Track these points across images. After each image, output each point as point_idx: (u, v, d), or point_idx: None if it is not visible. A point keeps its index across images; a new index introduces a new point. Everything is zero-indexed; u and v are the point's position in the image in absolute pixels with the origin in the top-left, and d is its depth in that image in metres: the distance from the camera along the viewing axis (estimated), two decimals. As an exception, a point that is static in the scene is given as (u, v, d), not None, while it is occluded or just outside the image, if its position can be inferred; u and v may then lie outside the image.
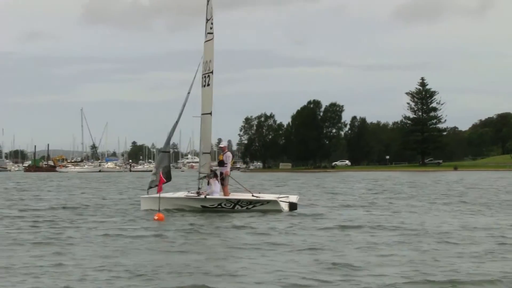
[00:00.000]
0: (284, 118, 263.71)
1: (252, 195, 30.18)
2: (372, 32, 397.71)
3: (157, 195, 29.43)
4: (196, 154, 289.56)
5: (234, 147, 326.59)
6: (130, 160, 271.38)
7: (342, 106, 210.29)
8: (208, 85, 31.61)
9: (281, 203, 29.37)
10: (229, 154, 31.25)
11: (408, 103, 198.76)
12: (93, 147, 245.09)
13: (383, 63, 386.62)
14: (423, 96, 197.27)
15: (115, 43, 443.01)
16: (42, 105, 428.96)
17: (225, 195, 30.23)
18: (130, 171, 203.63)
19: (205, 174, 31.19)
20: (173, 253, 17.39)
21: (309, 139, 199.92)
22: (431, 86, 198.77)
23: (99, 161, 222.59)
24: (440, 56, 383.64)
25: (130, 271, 14.46)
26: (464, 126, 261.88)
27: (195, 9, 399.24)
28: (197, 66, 32.20)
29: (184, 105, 31.68)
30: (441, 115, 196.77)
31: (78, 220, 26.52)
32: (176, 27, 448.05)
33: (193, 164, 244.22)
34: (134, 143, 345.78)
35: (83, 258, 16.28)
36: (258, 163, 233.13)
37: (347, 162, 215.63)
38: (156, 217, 26.09)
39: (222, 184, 30.52)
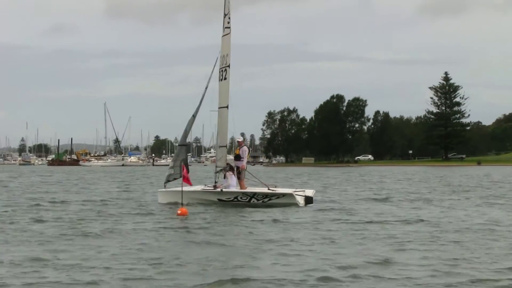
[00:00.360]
0: (307, 112, 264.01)
1: (268, 189, 30.27)
2: (397, 27, 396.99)
3: (176, 188, 30.00)
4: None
5: (257, 142, 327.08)
6: (153, 154, 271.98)
7: (365, 100, 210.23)
8: (225, 79, 31.86)
9: (296, 196, 29.46)
10: (245, 148, 31.55)
11: (431, 98, 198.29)
12: (116, 141, 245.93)
13: (407, 57, 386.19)
14: (446, 91, 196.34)
15: (139, 38, 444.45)
16: (66, 99, 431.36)
17: (241, 188, 30.33)
18: (153, 165, 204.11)
19: (221, 168, 31.23)
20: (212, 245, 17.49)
21: (332, 134, 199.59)
22: (454, 80, 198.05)
23: (122, 155, 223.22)
24: (464, 51, 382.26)
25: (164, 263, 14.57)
26: (487, 121, 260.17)
27: (219, 4, 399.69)
28: (215, 60, 32.39)
29: (201, 99, 31.92)
30: (465, 110, 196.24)
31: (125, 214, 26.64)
32: (200, 21, 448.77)
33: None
34: (157, 137, 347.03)
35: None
36: (281, 158, 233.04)
37: (370, 156, 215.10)
38: (179, 211, 26.02)
39: (239, 178, 30.64)
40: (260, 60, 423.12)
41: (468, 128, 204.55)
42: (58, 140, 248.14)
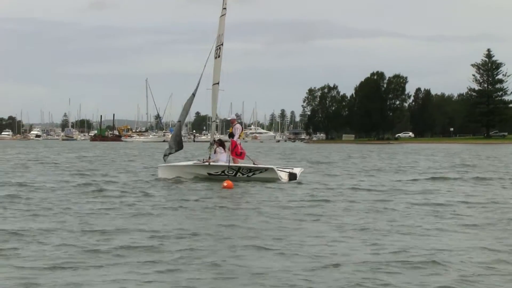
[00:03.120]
0: (347, 90, 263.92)
1: (254, 163, 31.35)
2: (440, 3, 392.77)
3: (175, 163, 32.45)
4: (259, 124, 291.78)
5: (297, 118, 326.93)
6: (194, 131, 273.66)
7: (406, 77, 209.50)
8: (219, 56, 32.81)
9: (278, 171, 30.45)
10: (238, 126, 32.32)
11: (473, 75, 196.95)
12: (158, 117, 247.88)
13: (449, 34, 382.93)
14: (489, 68, 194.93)
15: (180, 14, 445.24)
16: (108, 76, 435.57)
17: (235, 163, 31.24)
18: (194, 141, 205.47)
19: (213, 141, 32.35)
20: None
21: (373, 111, 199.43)
22: (498, 57, 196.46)
23: (163, 131, 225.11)
24: (508, 27, 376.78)
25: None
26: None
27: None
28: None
29: (200, 78, 32.82)
30: (507, 87, 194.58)
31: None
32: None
33: (257, 135, 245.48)
34: (197, 113, 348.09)
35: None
36: (321, 135, 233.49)
37: (410, 134, 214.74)
38: (225, 184, 26.89)
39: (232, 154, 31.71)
40: (301, 36, 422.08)
41: (511, 105, 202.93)
42: (101, 116, 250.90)
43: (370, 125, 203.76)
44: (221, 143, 31.95)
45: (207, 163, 31.07)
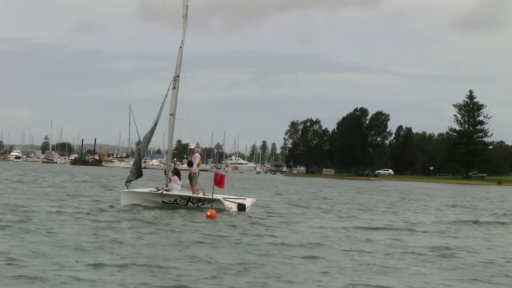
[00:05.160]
0: (329, 123, 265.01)
1: (203, 194, 31.81)
2: (426, 41, 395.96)
3: (137, 190, 33.17)
4: (240, 155, 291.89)
5: (278, 151, 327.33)
6: (175, 158, 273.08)
7: (388, 115, 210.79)
8: (174, 88, 33.39)
9: (225, 202, 31.07)
10: (197, 155, 33.19)
11: (455, 115, 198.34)
12: (139, 143, 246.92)
13: (432, 73, 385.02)
14: (470, 109, 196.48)
15: (167, 41, 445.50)
16: (91, 99, 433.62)
17: (192, 193, 31.94)
18: (175, 169, 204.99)
19: (169, 170, 33.04)
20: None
21: (354, 146, 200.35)
22: (479, 98, 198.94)
23: (144, 157, 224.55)
24: (491, 68, 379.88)
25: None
26: (511, 140, 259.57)
27: (251, 10, 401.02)
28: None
29: (161, 107, 33.21)
30: (488, 129, 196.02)
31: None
32: (230, 27, 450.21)
33: (237, 165, 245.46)
34: (179, 141, 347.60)
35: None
36: (302, 168, 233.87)
37: (390, 171, 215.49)
38: (209, 213, 27.71)
39: (190, 183, 32.33)
40: (286, 68, 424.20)
41: (491, 147, 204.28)
42: (82, 140, 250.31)
43: (351, 160, 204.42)
44: (176, 172, 32.66)
45: (160, 192, 31.78)
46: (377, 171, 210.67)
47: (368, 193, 68.04)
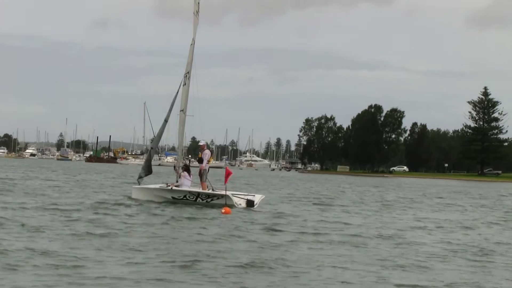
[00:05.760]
0: (344, 121, 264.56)
1: (212, 190, 32.10)
2: (441, 38, 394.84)
3: (147, 186, 33.88)
4: (255, 152, 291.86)
5: (293, 148, 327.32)
6: (189, 155, 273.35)
7: (403, 112, 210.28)
8: (185, 84, 33.63)
9: (234, 198, 31.27)
10: (207, 151, 33.24)
11: (469, 112, 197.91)
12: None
13: (447, 69, 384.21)
14: (485, 106, 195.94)
15: (182, 37, 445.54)
16: (106, 97, 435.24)
17: (202, 189, 32.14)
18: (184, 165, 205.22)
19: (179, 166, 33.42)
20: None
21: (368, 143, 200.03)
22: (494, 94, 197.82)
23: (159, 155, 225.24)
24: (506, 65, 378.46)
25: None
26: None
27: (266, 6, 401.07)
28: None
29: (172, 103, 33.70)
30: (503, 126, 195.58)
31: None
32: (245, 23, 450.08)
33: (252, 162, 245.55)
34: (193, 138, 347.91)
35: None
36: (316, 165, 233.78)
37: (405, 168, 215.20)
38: (223, 210, 28.03)
39: (201, 179, 32.47)
40: (300, 65, 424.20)
41: (506, 144, 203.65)
42: (97, 137, 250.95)
43: (365, 157, 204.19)
44: (186, 168, 33.05)
45: (170, 187, 32.20)
46: (391, 168, 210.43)
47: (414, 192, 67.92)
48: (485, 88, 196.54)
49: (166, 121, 33.70)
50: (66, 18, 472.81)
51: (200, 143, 34.42)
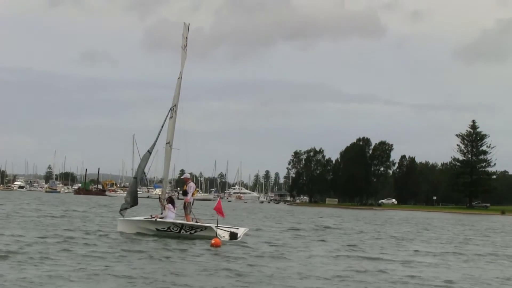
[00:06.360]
0: (333, 153, 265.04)
1: (196, 221, 32.26)
2: (429, 71, 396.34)
3: (132, 218, 34.06)
4: (243, 184, 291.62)
5: (281, 180, 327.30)
6: (178, 188, 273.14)
7: (392, 145, 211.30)
8: (171, 117, 33.91)
9: (218, 230, 31.11)
10: (191, 184, 33.46)
11: (458, 145, 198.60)
12: (142, 173, 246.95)
13: (436, 102, 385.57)
14: (473, 139, 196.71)
15: (171, 70, 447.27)
16: (94, 129, 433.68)
17: (187, 221, 32.23)
18: (178, 198, 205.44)
19: (164, 198, 33.44)
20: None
21: (357, 176, 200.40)
22: (482, 127, 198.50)
23: (148, 187, 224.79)
24: (494, 98, 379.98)
25: None
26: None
27: (256, 39, 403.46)
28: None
29: (158, 135, 33.96)
30: (491, 159, 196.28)
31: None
32: (235, 56, 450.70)
33: (241, 194, 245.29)
34: (182, 170, 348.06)
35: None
36: (305, 197, 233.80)
37: (393, 200, 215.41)
38: (213, 241, 28.19)
39: (185, 212, 32.66)
40: (289, 98, 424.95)
41: (494, 177, 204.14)
42: (86, 169, 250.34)
43: (354, 190, 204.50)
44: (171, 200, 33.08)
45: (154, 219, 32.23)
46: (380, 201, 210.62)
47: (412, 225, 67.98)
48: (474, 121, 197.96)
49: (149, 152, 33.88)
50: (53, 50, 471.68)
51: (184, 176, 34.66)
